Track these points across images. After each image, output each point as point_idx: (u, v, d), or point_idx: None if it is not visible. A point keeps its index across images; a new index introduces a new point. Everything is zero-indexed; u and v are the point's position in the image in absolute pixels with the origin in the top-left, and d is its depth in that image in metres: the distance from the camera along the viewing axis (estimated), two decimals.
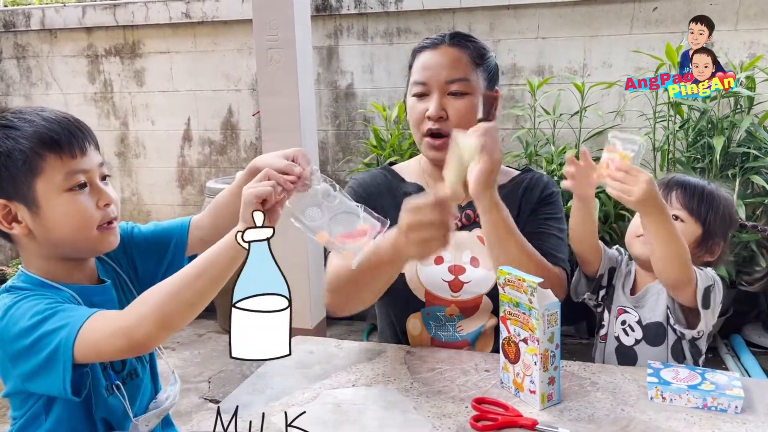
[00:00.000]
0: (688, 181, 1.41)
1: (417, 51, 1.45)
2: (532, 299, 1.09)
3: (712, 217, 1.35)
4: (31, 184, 0.99)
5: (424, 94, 1.40)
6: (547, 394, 1.12)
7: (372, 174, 1.53)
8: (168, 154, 4.23)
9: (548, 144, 3.25)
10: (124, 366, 1.11)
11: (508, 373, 1.18)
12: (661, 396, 1.13)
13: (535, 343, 1.10)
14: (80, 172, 1.02)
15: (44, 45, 4.30)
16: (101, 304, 1.05)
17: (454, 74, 1.38)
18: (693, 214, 1.36)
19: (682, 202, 1.37)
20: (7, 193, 0.99)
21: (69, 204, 1.01)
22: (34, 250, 1.04)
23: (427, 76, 1.39)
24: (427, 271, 1.42)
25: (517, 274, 1.12)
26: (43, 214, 1.00)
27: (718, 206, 1.37)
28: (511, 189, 1.46)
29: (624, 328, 1.41)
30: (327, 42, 3.76)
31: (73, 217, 1.01)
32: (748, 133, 2.90)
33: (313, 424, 1.09)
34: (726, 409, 1.09)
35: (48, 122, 1.01)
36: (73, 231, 1.02)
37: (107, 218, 1.05)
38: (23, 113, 1.02)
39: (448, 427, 1.07)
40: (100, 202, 1.04)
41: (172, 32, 4.03)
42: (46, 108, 1.05)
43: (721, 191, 1.41)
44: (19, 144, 0.98)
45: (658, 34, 3.25)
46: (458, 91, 1.37)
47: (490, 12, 3.46)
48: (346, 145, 3.88)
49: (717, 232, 1.37)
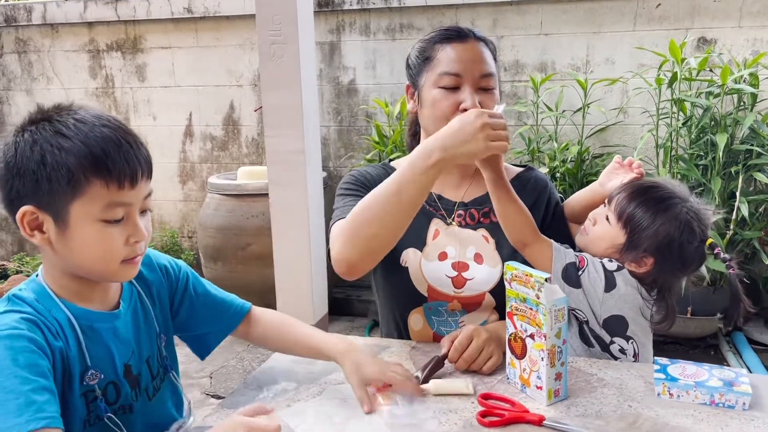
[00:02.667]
0: (640, 197, 1.31)
1: (438, 41, 1.40)
2: (540, 294, 1.08)
3: (641, 234, 1.28)
4: (67, 204, 0.92)
5: (454, 87, 1.36)
6: (554, 390, 1.12)
7: (371, 167, 1.54)
8: (170, 150, 4.23)
9: (551, 141, 3.25)
10: (118, 398, 1.05)
11: (514, 368, 1.18)
12: (668, 392, 1.13)
13: (542, 339, 1.09)
14: (122, 205, 0.95)
15: (45, 40, 4.29)
16: (103, 331, 1.02)
17: (486, 68, 1.37)
18: (620, 220, 1.30)
19: (617, 207, 1.32)
20: (39, 202, 0.93)
21: (98, 234, 0.94)
22: (54, 261, 0.99)
23: (460, 69, 1.35)
24: (431, 266, 1.42)
25: (525, 270, 1.11)
26: (70, 234, 0.94)
27: (656, 231, 1.27)
28: (518, 189, 1.45)
29: None
30: (329, 38, 3.75)
31: (99, 248, 0.95)
32: (751, 130, 2.90)
33: (319, 420, 1.09)
34: (734, 406, 1.09)
35: (105, 141, 0.93)
36: (94, 260, 0.96)
37: (132, 254, 0.99)
38: (83, 121, 0.94)
39: (455, 422, 1.06)
40: (132, 238, 0.97)
41: (174, 27, 4.02)
42: (111, 120, 0.96)
43: (677, 207, 1.29)
44: (68, 160, 0.91)
45: (662, 30, 3.24)
46: (487, 86, 1.37)
47: (494, 8, 3.46)
48: (348, 141, 3.87)
49: (646, 250, 1.29)
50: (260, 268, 3.43)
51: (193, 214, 4.23)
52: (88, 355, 0.99)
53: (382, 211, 1.22)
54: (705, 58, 2.90)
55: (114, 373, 1.03)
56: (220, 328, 1.23)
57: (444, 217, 1.45)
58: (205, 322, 1.22)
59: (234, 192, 3.53)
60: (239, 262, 3.50)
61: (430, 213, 1.46)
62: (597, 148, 3.37)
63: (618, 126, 3.37)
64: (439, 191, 1.48)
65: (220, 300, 1.24)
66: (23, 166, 0.92)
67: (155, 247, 4.14)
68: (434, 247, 1.43)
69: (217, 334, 1.24)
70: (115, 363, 1.03)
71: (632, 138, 3.35)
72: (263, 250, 3.37)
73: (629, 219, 1.30)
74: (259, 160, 4.06)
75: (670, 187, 1.33)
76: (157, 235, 4.27)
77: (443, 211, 1.46)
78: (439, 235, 1.44)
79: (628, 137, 3.37)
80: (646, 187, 1.33)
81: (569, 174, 3.14)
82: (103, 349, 1.01)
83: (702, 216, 1.30)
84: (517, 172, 1.52)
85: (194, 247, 4.21)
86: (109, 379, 1.02)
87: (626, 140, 3.36)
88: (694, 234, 1.28)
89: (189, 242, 4.31)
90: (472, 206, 1.46)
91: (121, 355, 1.04)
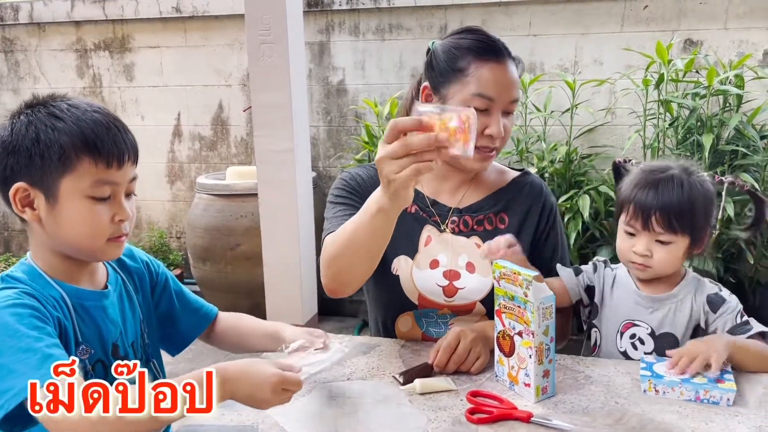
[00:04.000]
0: (667, 202, 1.27)
1: (474, 56, 1.33)
2: (528, 292, 1.09)
3: (695, 222, 1.29)
4: (57, 179, 0.98)
5: (485, 109, 1.31)
6: (542, 387, 1.12)
7: (363, 169, 1.52)
8: (158, 150, 4.21)
9: (539, 141, 3.27)
10: (106, 377, 1.06)
11: (502, 366, 1.19)
12: (654, 389, 1.14)
13: (530, 336, 1.10)
14: (109, 183, 1.01)
15: (32, 39, 4.25)
16: (92, 309, 1.05)
17: (516, 95, 1.35)
18: (678, 232, 1.28)
19: (664, 226, 1.27)
20: (32, 178, 0.98)
21: (86, 210, 1.00)
22: (43, 240, 1.03)
23: (495, 93, 1.31)
24: (422, 275, 1.41)
25: (513, 268, 1.12)
26: (59, 210, 0.99)
27: (698, 208, 1.29)
28: (514, 195, 1.46)
29: (633, 342, 1.36)
30: (319, 38, 3.75)
31: (86, 224, 1.00)
32: (736, 131, 2.93)
33: (308, 418, 1.09)
34: (718, 402, 1.10)
35: (96, 124, 1.00)
36: (81, 236, 1.01)
37: (118, 233, 1.04)
38: (76, 107, 1.01)
39: (444, 420, 1.07)
40: (117, 216, 1.03)
41: (163, 27, 4.01)
42: (101, 108, 1.04)
43: (695, 184, 1.30)
44: (60, 138, 0.97)
45: (649, 32, 3.27)
46: (512, 110, 1.36)
47: (482, 9, 3.47)
48: (337, 142, 3.87)
49: (703, 226, 1.31)
50: (249, 269, 3.42)
51: (182, 215, 4.21)
52: (80, 332, 1.03)
53: (348, 248, 1.24)
54: (691, 60, 2.93)
55: (102, 351, 1.06)
56: (193, 328, 1.29)
57: (437, 223, 1.44)
58: (181, 320, 1.27)
59: (223, 192, 3.51)
60: (228, 263, 3.49)
61: (423, 219, 1.44)
62: (585, 148, 3.39)
63: (606, 127, 3.39)
64: (435, 196, 1.47)
65: (194, 300, 1.31)
66: (18, 144, 0.98)
67: (143, 248, 4.11)
68: (426, 255, 1.42)
69: (189, 333, 1.29)
70: (104, 341, 1.06)
71: (620, 138, 3.37)
72: (252, 251, 3.36)
73: (682, 225, 1.28)
74: (248, 160, 4.05)
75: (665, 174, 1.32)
76: (146, 235, 4.25)
77: (437, 217, 1.44)
78: (431, 242, 1.43)
79: (615, 138, 3.39)
80: (663, 203, 1.28)
81: (557, 174, 3.15)
82: (93, 326, 1.05)
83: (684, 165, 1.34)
84: (514, 176, 1.51)
85: (183, 247, 4.19)
86: (98, 356, 1.05)
87: (614, 141, 3.39)
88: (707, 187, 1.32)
89: (177, 242, 4.29)
90: (466, 213, 1.45)
91: (110, 334, 1.08)
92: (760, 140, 2.85)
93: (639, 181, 1.32)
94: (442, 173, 1.45)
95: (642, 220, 1.29)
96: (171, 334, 1.27)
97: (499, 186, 1.48)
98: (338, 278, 1.30)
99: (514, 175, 1.51)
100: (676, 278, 1.36)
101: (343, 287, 1.32)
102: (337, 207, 1.43)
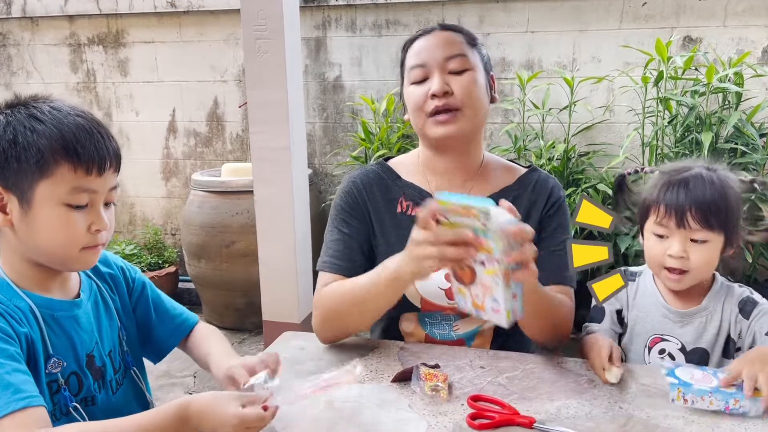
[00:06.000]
0: (701, 198, 1.24)
1: (408, 43, 1.43)
2: (486, 223, 1.02)
3: (730, 218, 1.25)
4: (33, 183, 0.94)
5: (423, 79, 1.36)
6: (512, 309, 1.07)
7: (365, 172, 1.48)
8: (152, 146, 4.17)
9: (537, 138, 3.25)
10: (81, 389, 1.04)
11: (464, 296, 1.13)
12: (683, 398, 1.09)
13: (493, 264, 1.04)
14: (87, 191, 0.97)
15: (25, 33, 4.21)
16: (64, 320, 1.02)
17: (451, 51, 1.36)
18: (714, 229, 1.25)
19: (702, 223, 1.24)
20: (6, 182, 0.95)
21: (60, 218, 0.96)
22: (14, 246, 0.99)
23: (424, 58, 1.36)
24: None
25: (462, 203, 1.04)
26: (33, 216, 0.95)
27: (732, 206, 1.26)
28: (519, 193, 1.43)
29: (662, 357, 1.33)
30: (315, 33, 3.71)
31: (59, 233, 0.96)
32: (735, 129, 2.91)
33: (306, 423, 1.07)
34: (748, 411, 1.06)
35: (78, 129, 0.96)
36: (54, 244, 0.97)
37: (93, 243, 1.00)
38: (58, 109, 0.97)
39: (444, 425, 1.05)
40: (93, 226, 0.99)
41: (157, 22, 3.97)
42: (84, 112, 1.00)
43: (726, 181, 1.28)
44: (39, 141, 0.93)
45: (647, 29, 3.25)
46: (458, 69, 1.35)
47: (480, 5, 3.45)
48: (333, 138, 3.84)
49: (736, 224, 1.27)
50: (245, 266, 3.39)
51: (177, 211, 4.18)
52: (50, 344, 0.99)
53: (356, 305, 1.29)
54: (690, 57, 2.91)
55: (76, 363, 1.03)
56: (170, 336, 1.25)
57: None
58: (157, 327, 1.24)
59: (218, 189, 3.48)
60: (224, 260, 3.46)
61: None
62: (583, 146, 3.38)
63: (604, 124, 3.37)
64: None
65: (172, 308, 1.27)
66: None
67: (138, 245, 4.08)
68: None
69: (167, 342, 1.25)
70: (77, 352, 1.03)
71: (618, 136, 3.35)
72: (248, 248, 3.34)
73: (719, 223, 1.24)
74: (243, 156, 4.01)
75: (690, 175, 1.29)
76: (140, 231, 4.21)
77: None
78: None
79: (614, 135, 3.37)
80: (699, 199, 1.25)
81: (555, 172, 3.13)
82: (65, 338, 1.02)
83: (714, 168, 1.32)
84: (521, 174, 1.47)
85: (178, 244, 4.15)
86: (72, 369, 1.02)
87: (612, 138, 3.37)
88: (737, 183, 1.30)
89: (172, 239, 4.26)
90: None
91: (83, 344, 1.04)
92: (759, 138, 2.83)
93: (665, 182, 1.29)
94: (448, 170, 1.43)
95: (676, 218, 1.25)
96: (148, 341, 1.24)
97: (506, 184, 1.45)
98: (338, 331, 1.37)
99: (522, 173, 1.47)
100: (705, 286, 1.32)
101: (341, 338, 1.38)
102: (335, 232, 1.43)
